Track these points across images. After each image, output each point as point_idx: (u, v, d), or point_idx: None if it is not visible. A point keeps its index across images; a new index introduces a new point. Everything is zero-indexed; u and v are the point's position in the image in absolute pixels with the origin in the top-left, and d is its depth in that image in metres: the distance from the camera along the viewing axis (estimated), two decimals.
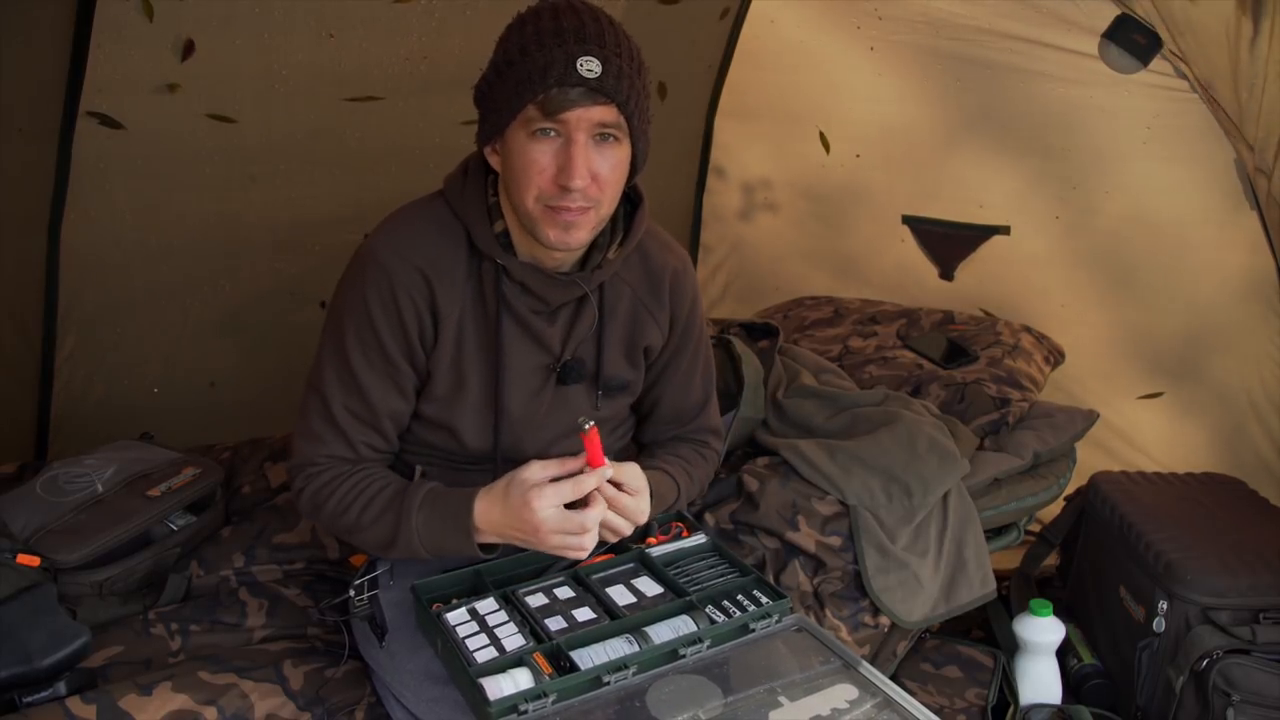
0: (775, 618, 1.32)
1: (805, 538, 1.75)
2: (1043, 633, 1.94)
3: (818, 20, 2.67)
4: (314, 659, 1.49)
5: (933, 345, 2.36)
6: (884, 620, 1.74)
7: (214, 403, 2.38)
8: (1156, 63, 2.17)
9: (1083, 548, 2.21)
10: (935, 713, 1.20)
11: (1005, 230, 2.59)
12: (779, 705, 1.20)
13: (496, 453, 1.42)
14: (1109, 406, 2.41)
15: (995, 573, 1.86)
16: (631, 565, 1.44)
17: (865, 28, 2.57)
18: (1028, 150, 2.48)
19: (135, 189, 2.08)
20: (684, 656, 1.24)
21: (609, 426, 1.52)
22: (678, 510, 1.55)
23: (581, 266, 1.37)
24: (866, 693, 1.22)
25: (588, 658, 1.22)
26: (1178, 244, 2.33)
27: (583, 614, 1.31)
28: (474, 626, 1.28)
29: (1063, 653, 2.00)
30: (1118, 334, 2.50)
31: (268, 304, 2.37)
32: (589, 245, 1.34)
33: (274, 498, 1.83)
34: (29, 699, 1.30)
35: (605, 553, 1.47)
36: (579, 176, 1.20)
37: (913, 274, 2.76)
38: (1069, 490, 2.18)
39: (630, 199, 1.40)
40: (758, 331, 2.24)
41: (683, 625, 1.28)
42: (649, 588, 1.38)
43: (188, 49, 1.95)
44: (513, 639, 1.25)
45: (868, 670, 1.25)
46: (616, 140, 1.24)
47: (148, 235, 2.15)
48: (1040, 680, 1.95)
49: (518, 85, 1.19)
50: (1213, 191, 2.22)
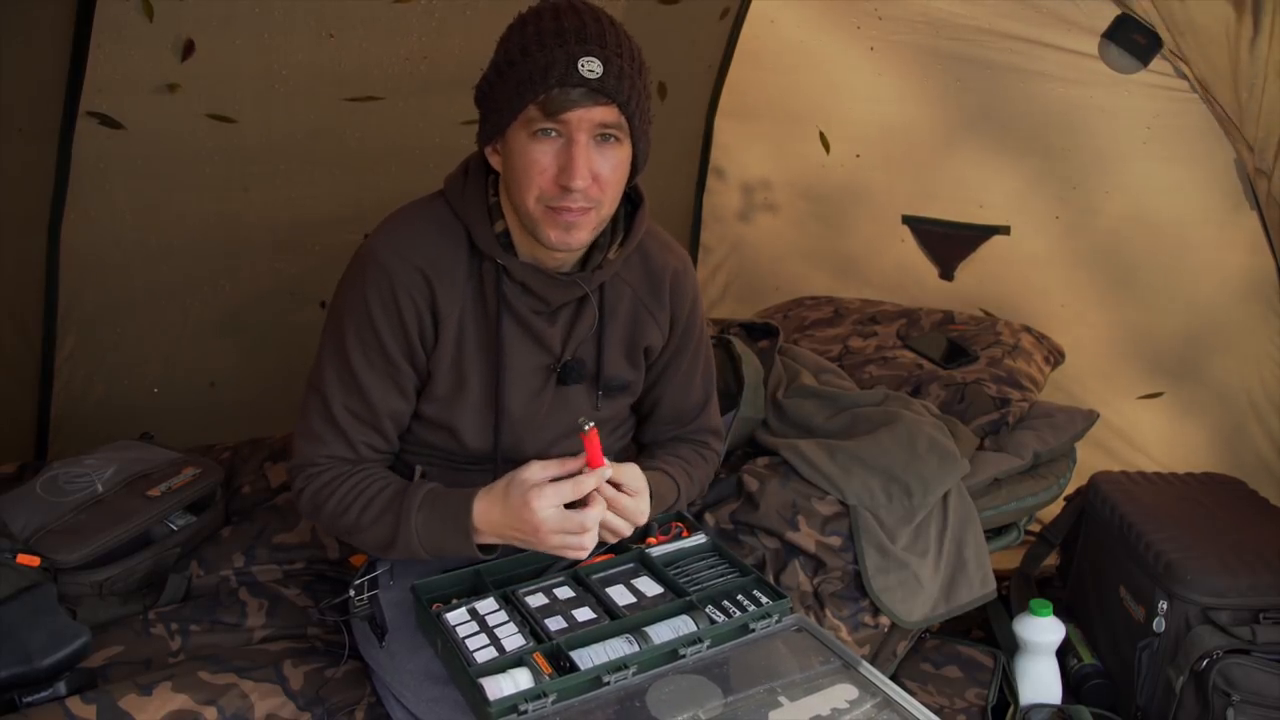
0: (775, 618, 1.32)
1: (805, 538, 1.75)
2: (1043, 633, 1.94)
3: (818, 20, 2.67)
4: (314, 659, 1.49)
5: (933, 345, 2.36)
6: (884, 620, 1.74)
7: (214, 403, 2.38)
8: (1156, 63, 2.17)
9: (1083, 548, 2.21)
10: (935, 713, 1.20)
11: (1005, 230, 2.59)
12: (779, 705, 1.20)
13: (497, 453, 1.42)
14: (1109, 406, 2.41)
15: (995, 573, 1.86)
16: (631, 565, 1.44)
17: (865, 28, 2.57)
18: (1028, 150, 2.48)
19: (135, 189, 2.08)
20: (684, 656, 1.24)
21: (609, 427, 1.52)
22: (678, 510, 1.55)
23: (582, 267, 1.37)
24: (866, 693, 1.22)
25: (588, 658, 1.22)
26: (1178, 244, 2.33)
27: (583, 614, 1.31)
28: (474, 626, 1.28)
29: (1063, 653, 2.00)
30: (1118, 334, 2.50)
31: (268, 304, 2.37)
32: (589, 245, 1.34)
33: (274, 498, 1.83)
34: (29, 699, 1.30)
35: (605, 553, 1.47)
36: (580, 177, 1.20)
37: (913, 274, 2.76)
38: (1069, 490, 2.18)
39: (631, 199, 1.40)
40: (758, 331, 2.24)
41: (683, 625, 1.28)
42: (649, 588, 1.38)
43: (188, 49, 1.95)
44: (513, 639, 1.25)
45: (868, 670, 1.25)
46: (617, 141, 1.24)
47: (148, 235, 2.15)
48: (1040, 680, 1.95)
49: (519, 85, 1.19)
50: (1213, 191, 2.22)
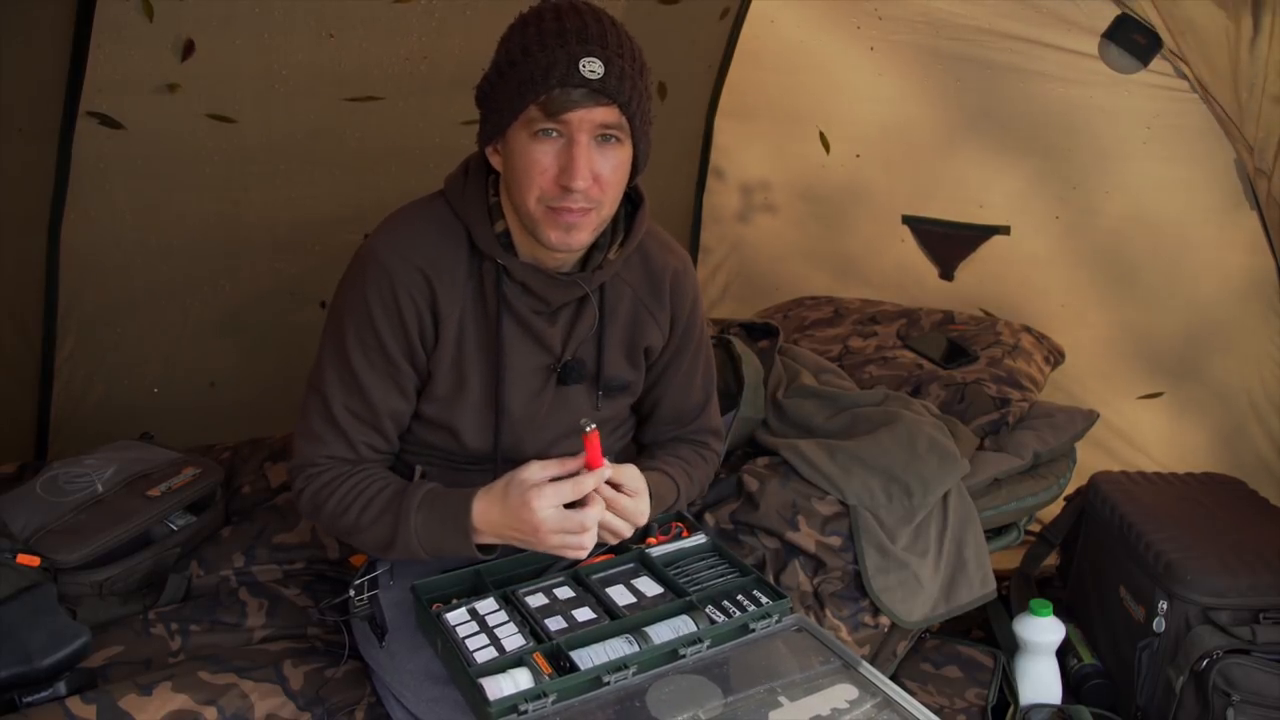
0: (775, 618, 1.32)
1: (805, 538, 1.75)
2: (1043, 633, 1.94)
3: (818, 20, 2.67)
4: (314, 659, 1.49)
5: (933, 345, 2.36)
6: (884, 620, 1.74)
7: (214, 403, 2.38)
8: (1156, 63, 2.17)
9: (1083, 548, 2.21)
10: (935, 713, 1.20)
11: (1005, 230, 2.59)
12: (779, 705, 1.20)
13: (497, 453, 1.42)
14: (1109, 406, 2.41)
15: (995, 573, 1.86)
16: (631, 565, 1.44)
17: (865, 28, 2.57)
18: (1028, 150, 2.48)
19: (135, 189, 2.08)
20: (684, 656, 1.24)
21: (609, 427, 1.52)
22: (677, 510, 1.55)
23: (582, 267, 1.37)
24: (866, 693, 1.22)
25: (588, 658, 1.22)
26: (1178, 244, 2.33)
27: (583, 614, 1.31)
28: (474, 626, 1.28)
29: (1063, 653, 2.00)
30: (1118, 334, 2.50)
31: (268, 304, 2.37)
32: (590, 246, 1.34)
33: (274, 498, 1.83)
34: (29, 699, 1.30)
35: (605, 553, 1.47)
36: (581, 177, 1.20)
37: (913, 274, 2.76)
38: (1069, 490, 2.18)
39: (631, 199, 1.40)
40: (758, 331, 2.24)
41: (683, 625, 1.28)
42: (649, 588, 1.38)
43: (188, 49, 1.95)
44: (513, 639, 1.25)
45: (868, 670, 1.25)
46: (618, 141, 1.24)
47: (148, 235, 2.15)
48: (1040, 680, 1.95)
49: (520, 86, 1.19)
50: (1213, 191, 2.22)
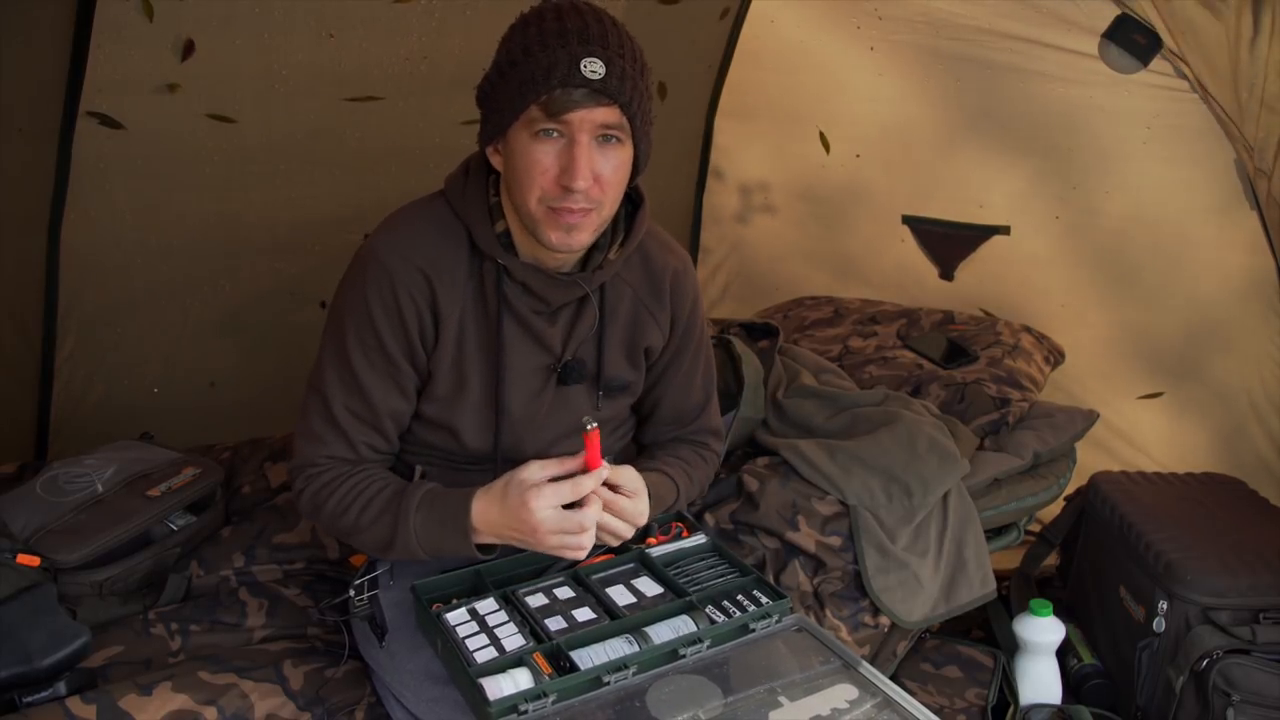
0: (775, 618, 1.32)
1: (805, 538, 1.75)
2: (1043, 633, 1.94)
3: (818, 20, 2.67)
4: (314, 659, 1.49)
5: (933, 345, 2.36)
6: (884, 620, 1.74)
7: (214, 403, 2.38)
8: (1156, 63, 2.17)
9: (1083, 548, 2.21)
10: (935, 713, 1.20)
11: (1005, 230, 2.59)
12: (779, 705, 1.20)
13: (497, 453, 1.42)
14: (1109, 406, 2.41)
15: (995, 573, 1.86)
16: (631, 565, 1.44)
17: (865, 28, 2.57)
18: (1028, 150, 2.48)
19: (135, 189, 2.08)
20: (684, 656, 1.24)
21: (610, 427, 1.52)
22: (677, 511, 1.55)
23: (583, 267, 1.37)
24: (866, 693, 1.22)
25: (588, 658, 1.22)
26: (1178, 244, 2.33)
27: (583, 614, 1.31)
28: (474, 626, 1.28)
29: (1063, 653, 2.00)
30: (1118, 334, 2.50)
31: (268, 304, 2.37)
32: (590, 246, 1.34)
33: (274, 498, 1.83)
34: (29, 699, 1.30)
35: (605, 553, 1.47)
36: (582, 178, 1.20)
37: (913, 274, 2.76)
38: (1069, 490, 2.18)
39: (631, 200, 1.40)
40: (758, 331, 2.24)
41: (683, 625, 1.28)
42: (649, 588, 1.38)
43: (188, 49, 1.95)
44: (513, 639, 1.25)
45: (868, 670, 1.25)
46: (619, 141, 1.24)
47: (148, 235, 2.15)
48: (1040, 680, 1.95)
49: (521, 86, 1.19)
50: (1213, 191, 2.22)
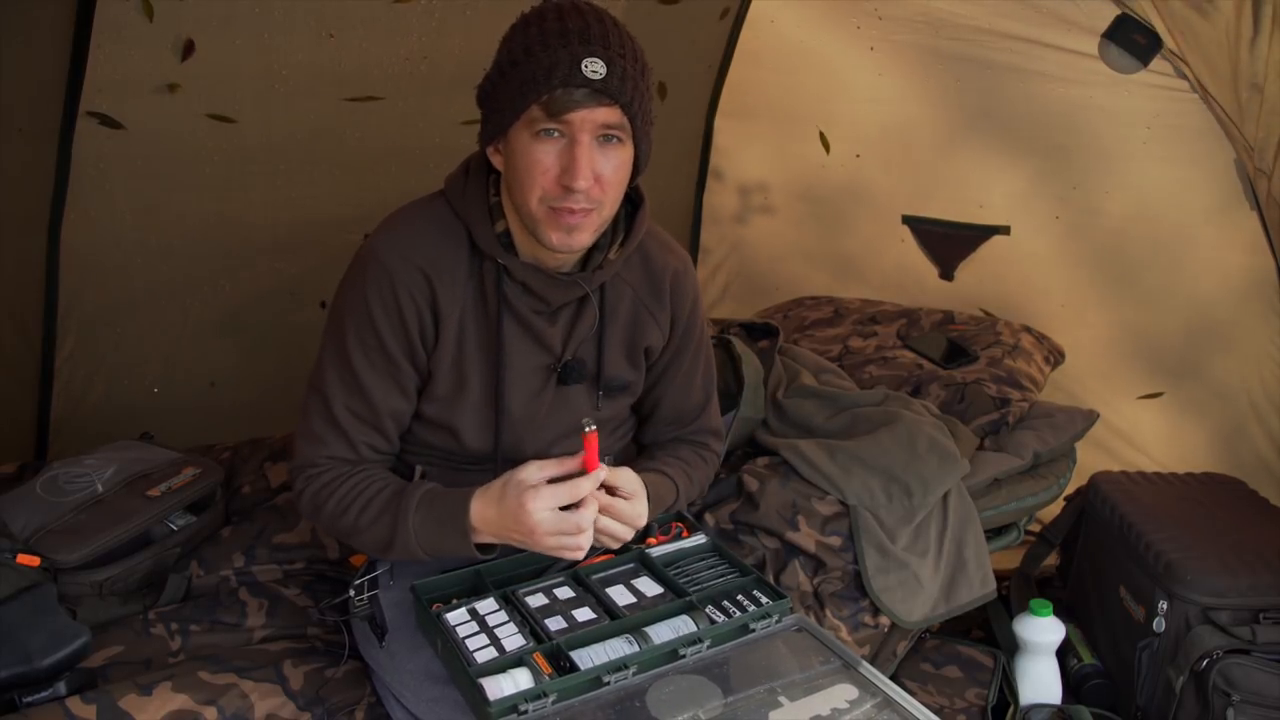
0: (775, 618, 1.32)
1: (805, 538, 1.75)
2: (1043, 633, 1.94)
3: (818, 20, 2.67)
4: (314, 659, 1.49)
5: (933, 345, 2.36)
6: (884, 620, 1.74)
7: (214, 403, 2.38)
8: (1156, 63, 2.17)
9: (1083, 548, 2.21)
10: (935, 713, 1.20)
11: (1005, 230, 2.59)
12: (779, 705, 1.20)
13: (497, 453, 1.42)
14: (1109, 406, 2.41)
15: (995, 573, 1.86)
16: (631, 565, 1.44)
17: (865, 28, 2.57)
18: (1028, 150, 2.48)
19: (135, 189, 2.08)
20: (684, 656, 1.24)
21: (610, 427, 1.52)
22: (677, 511, 1.55)
23: (583, 267, 1.37)
24: (866, 693, 1.22)
25: (588, 658, 1.22)
26: (1178, 244, 2.33)
27: (583, 614, 1.31)
28: (474, 626, 1.28)
29: (1063, 653, 2.00)
30: (1118, 334, 2.50)
31: (268, 304, 2.37)
32: (590, 245, 1.34)
33: (274, 498, 1.83)
34: (29, 699, 1.30)
35: (605, 553, 1.46)
36: (582, 177, 1.20)
37: (913, 274, 2.76)
38: (1069, 490, 2.18)
39: (631, 200, 1.40)
40: (758, 331, 2.24)
41: (683, 625, 1.28)
42: (649, 588, 1.38)
43: (188, 49, 1.95)
44: (513, 639, 1.25)
45: (868, 670, 1.25)
46: (620, 142, 1.24)
47: (148, 235, 2.15)
48: (1040, 680, 1.95)
49: (522, 86, 1.19)
50: (1213, 191, 2.22)
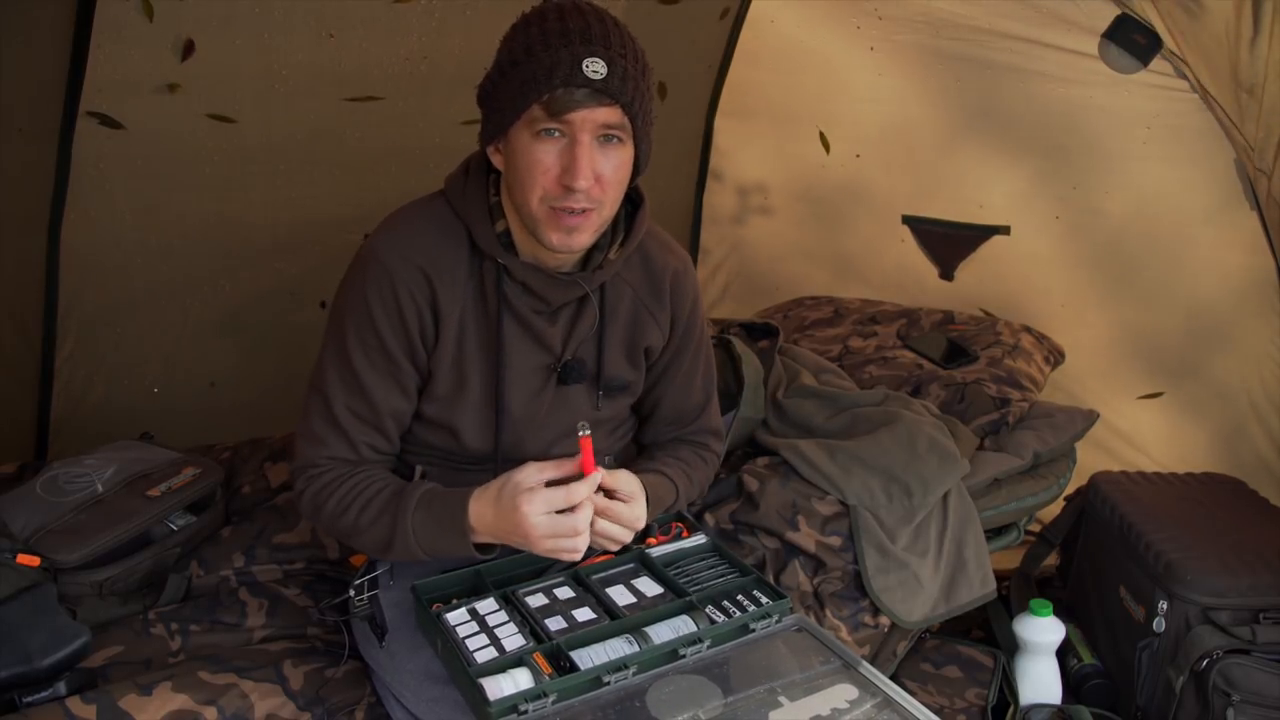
0: (775, 618, 1.32)
1: (805, 538, 1.75)
2: (1043, 633, 1.94)
3: (818, 20, 2.67)
4: (314, 659, 1.49)
5: (933, 345, 2.36)
6: (884, 620, 1.74)
7: (214, 403, 2.38)
8: (1156, 63, 2.17)
9: (1083, 548, 2.21)
10: (935, 713, 1.20)
11: (1005, 230, 2.59)
12: (779, 705, 1.20)
13: (497, 453, 1.42)
14: (1109, 406, 2.41)
15: (995, 573, 1.86)
16: (631, 565, 1.44)
17: (865, 28, 2.57)
18: (1028, 150, 2.48)
19: (135, 189, 2.08)
20: (684, 656, 1.24)
21: (609, 427, 1.52)
22: (677, 511, 1.55)
23: (583, 267, 1.37)
24: (866, 693, 1.22)
25: (588, 658, 1.22)
26: (1178, 244, 2.33)
27: (583, 614, 1.31)
28: (474, 626, 1.28)
29: (1063, 653, 2.00)
30: (1118, 334, 2.50)
31: (268, 304, 2.37)
32: (590, 245, 1.34)
33: (274, 498, 1.83)
34: (29, 699, 1.30)
35: (605, 553, 1.46)
36: (583, 177, 1.20)
37: (913, 274, 2.76)
38: (1069, 490, 2.18)
39: (631, 200, 1.40)
40: (758, 331, 2.24)
41: (683, 625, 1.28)
42: (649, 588, 1.38)
43: (188, 49, 1.95)
44: (513, 639, 1.25)
45: (868, 670, 1.25)
46: (620, 141, 1.24)
47: (148, 235, 2.15)
48: (1040, 680, 1.95)
49: (523, 85, 1.19)
50: (1213, 191, 2.22)
